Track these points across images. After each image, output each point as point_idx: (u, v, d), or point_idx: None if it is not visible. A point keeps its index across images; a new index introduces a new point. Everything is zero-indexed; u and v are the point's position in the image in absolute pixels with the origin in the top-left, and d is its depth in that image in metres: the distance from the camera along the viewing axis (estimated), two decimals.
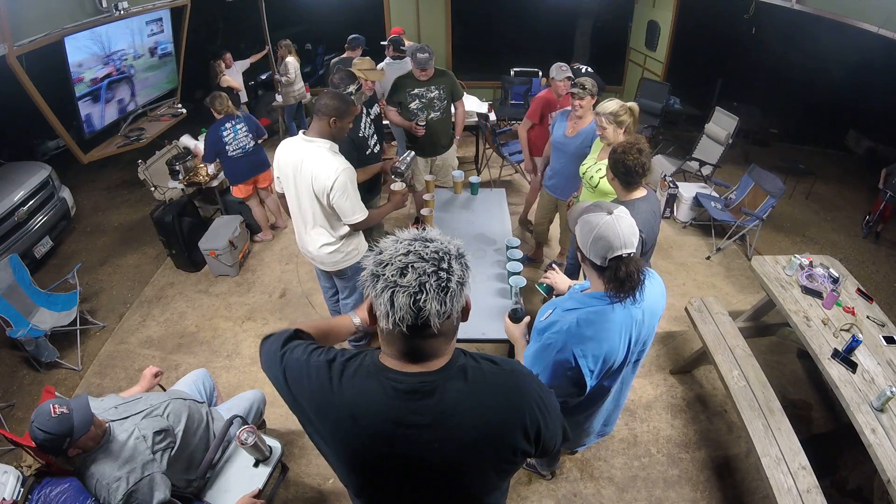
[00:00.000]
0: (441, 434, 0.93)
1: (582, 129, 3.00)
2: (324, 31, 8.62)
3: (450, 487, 1.01)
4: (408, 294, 0.83)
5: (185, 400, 2.03)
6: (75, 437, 1.57)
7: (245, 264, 4.17)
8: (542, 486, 2.49)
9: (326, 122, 2.26)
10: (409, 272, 0.83)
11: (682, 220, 4.63)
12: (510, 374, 1.01)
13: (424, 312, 0.83)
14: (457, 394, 0.93)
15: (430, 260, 0.85)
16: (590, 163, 2.74)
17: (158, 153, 4.41)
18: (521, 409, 0.98)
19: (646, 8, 6.56)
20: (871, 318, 2.56)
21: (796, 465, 2.10)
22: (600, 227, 1.34)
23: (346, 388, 0.96)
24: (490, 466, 0.99)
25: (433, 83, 3.46)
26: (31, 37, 3.36)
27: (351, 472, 1.03)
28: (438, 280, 0.84)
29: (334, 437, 0.97)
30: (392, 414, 0.92)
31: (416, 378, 0.92)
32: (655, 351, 3.28)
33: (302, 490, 2.49)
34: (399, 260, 0.85)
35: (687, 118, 6.57)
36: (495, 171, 5.55)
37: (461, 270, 0.87)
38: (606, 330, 1.39)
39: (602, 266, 1.35)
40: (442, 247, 0.87)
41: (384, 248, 0.88)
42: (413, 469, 0.97)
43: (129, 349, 3.38)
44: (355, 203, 2.33)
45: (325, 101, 2.24)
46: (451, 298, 0.85)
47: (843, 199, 5.31)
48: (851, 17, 3.63)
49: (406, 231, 0.92)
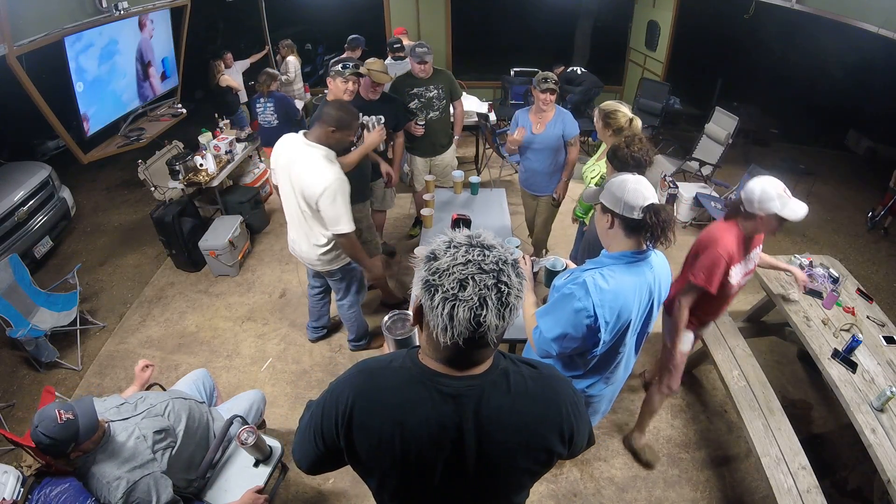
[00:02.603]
0: (483, 437, 0.92)
1: (549, 122, 3.05)
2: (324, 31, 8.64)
3: (485, 489, 1.00)
4: (468, 308, 0.78)
5: (185, 400, 2.03)
6: (80, 442, 1.56)
7: (245, 264, 4.17)
8: (542, 485, 2.49)
9: (327, 130, 2.25)
10: (470, 285, 0.78)
11: (682, 220, 4.63)
12: (548, 378, 1.01)
13: (483, 328, 0.80)
14: (499, 397, 0.93)
15: (491, 272, 0.80)
16: (590, 163, 2.76)
17: (158, 153, 4.41)
18: (559, 413, 0.98)
19: (646, 8, 6.56)
20: (871, 318, 2.56)
21: (796, 465, 2.10)
22: (630, 181, 1.48)
23: (391, 394, 0.94)
24: (526, 468, 0.99)
25: (432, 82, 3.46)
26: (31, 37, 3.36)
27: (389, 479, 1.00)
28: (499, 294, 0.79)
29: (378, 446, 0.94)
30: (439, 419, 0.91)
31: (462, 382, 0.91)
32: (656, 350, 3.27)
33: (302, 490, 2.49)
34: (458, 270, 0.79)
35: (687, 118, 6.58)
36: (495, 171, 5.55)
37: (519, 282, 0.83)
38: (623, 286, 1.48)
39: (636, 219, 1.44)
40: (501, 256, 0.83)
41: (438, 252, 0.83)
42: (455, 474, 0.96)
43: (129, 349, 3.38)
44: (342, 214, 2.30)
45: (329, 110, 2.24)
46: (511, 312, 0.82)
47: (843, 199, 5.31)
48: (851, 17, 3.63)
49: (457, 232, 0.87)
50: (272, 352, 3.30)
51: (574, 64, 6.04)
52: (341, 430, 0.95)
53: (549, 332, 1.55)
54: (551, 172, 3.23)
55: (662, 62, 6.27)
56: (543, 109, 3.00)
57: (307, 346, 3.32)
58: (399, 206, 4.72)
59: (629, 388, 3.00)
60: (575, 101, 5.64)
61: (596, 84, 5.79)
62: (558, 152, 3.13)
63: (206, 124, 4.71)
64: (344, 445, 0.96)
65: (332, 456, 1.00)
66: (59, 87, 3.92)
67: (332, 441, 0.97)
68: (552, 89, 2.91)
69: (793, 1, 4.09)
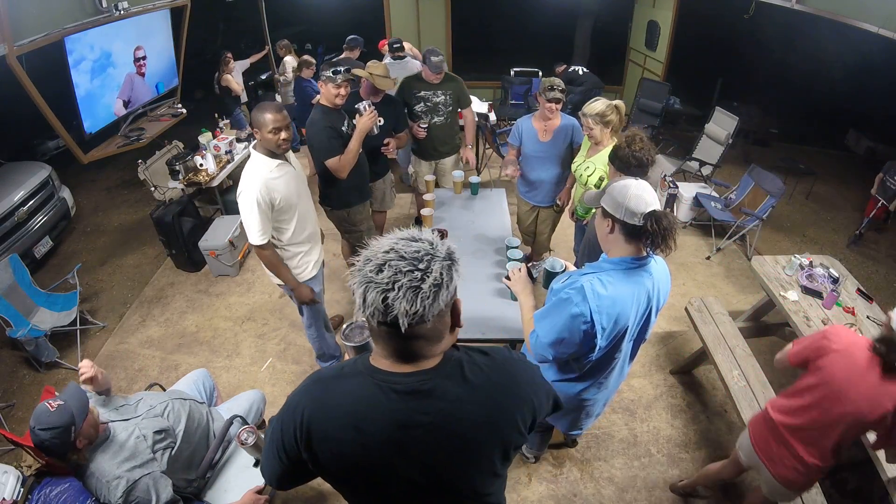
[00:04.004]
0: (444, 432, 0.93)
1: (556, 130, 2.95)
2: (324, 31, 8.63)
3: (455, 486, 1.01)
4: (379, 290, 0.82)
5: (185, 400, 2.03)
6: (79, 425, 1.57)
7: (245, 264, 4.17)
8: (542, 486, 2.49)
9: (255, 133, 2.17)
10: (385, 269, 0.83)
11: (682, 220, 4.63)
12: (503, 363, 1.02)
13: (392, 310, 0.82)
14: (456, 390, 0.93)
15: (409, 259, 0.84)
16: (579, 161, 2.75)
17: (158, 153, 4.42)
18: (519, 396, 1.00)
19: (646, 8, 6.56)
20: (871, 318, 2.56)
21: None
22: (632, 187, 1.45)
23: (344, 398, 0.95)
24: (493, 455, 1.00)
25: (440, 88, 3.41)
26: (31, 37, 3.36)
27: (356, 484, 1.01)
28: (411, 280, 0.82)
29: (339, 452, 0.95)
30: (395, 418, 0.92)
31: (412, 378, 0.92)
32: (655, 351, 3.28)
33: (302, 490, 2.49)
34: (380, 256, 0.85)
35: (687, 118, 6.58)
36: (495, 171, 5.55)
37: (441, 273, 0.84)
38: (621, 293, 1.47)
39: (638, 225, 1.43)
40: (426, 247, 0.86)
41: (374, 245, 0.88)
42: (420, 472, 0.96)
43: (129, 349, 3.38)
44: (251, 224, 2.18)
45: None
46: (422, 300, 0.82)
47: (843, 199, 5.31)
48: (851, 17, 3.63)
49: (403, 230, 0.91)
50: (272, 352, 3.30)
51: (574, 64, 6.04)
52: (301, 442, 0.96)
53: (546, 337, 1.55)
54: (557, 182, 3.13)
55: (662, 62, 6.28)
56: (549, 117, 2.91)
57: (307, 346, 3.32)
58: (399, 206, 4.72)
59: (628, 387, 3.00)
60: (575, 101, 5.63)
61: (597, 85, 5.79)
62: (566, 160, 3.02)
63: (206, 124, 4.71)
64: (307, 457, 0.97)
65: (297, 469, 1.01)
66: (59, 87, 3.92)
67: (294, 454, 0.98)
68: (558, 99, 2.75)
69: (793, 1, 4.09)
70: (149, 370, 3.21)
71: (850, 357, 1.56)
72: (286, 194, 2.25)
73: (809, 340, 1.68)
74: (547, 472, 2.55)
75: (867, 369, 1.53)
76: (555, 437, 2.55)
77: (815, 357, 1.64)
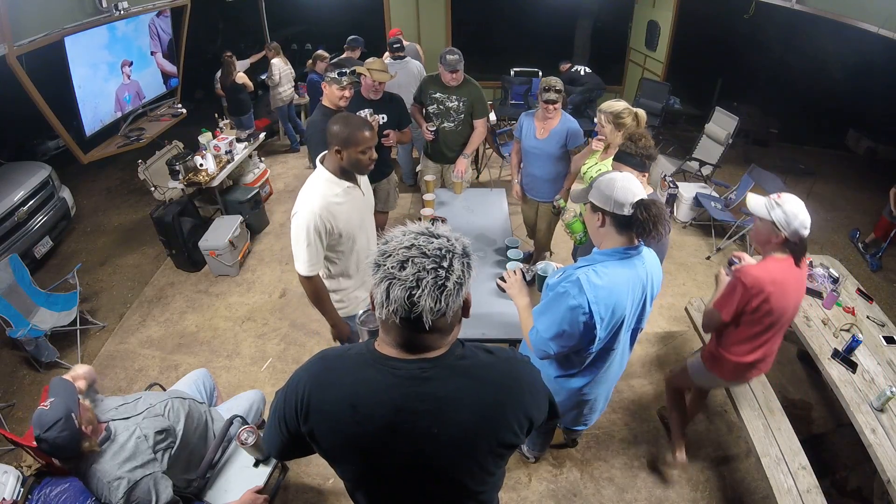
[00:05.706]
0: (440, 420, 0.94)
1: (553, 130, 3.00)
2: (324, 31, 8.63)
3: (446, 478, 1.01)
4: (404, 288, 0.83)
5: (184, 399, 2.03)
6: (76, 409, 1.57)
7: (245, 264, 4.17)
8: (542, 486, 2.49)
9: (331, 150, 1.92)
10: (409, 266, 0.84)
11: (682, 220, 4.63)
12: (506, 363, 1.04)
13: (418, 308, 0.84)
14: (455, 381, 0.95)
15: (432, 256, 0.85)
16: (591, 163, 2.75)
17: (158, 153, 4.42)
18: (517, 394, 1.01)
19: (646, 8, 6.56)
20: (871, 318, 2.56)
21: (796, 465, 2.10)
22: (619, 179, 1.50)
23: (344, 377, 0.97)
24: (486, 452, 1.00)
25: (455, 93, 3.31)
26: (31, 37, 3.36)
27: (350, 464, 1.03)
28: (436, 278, 0.84)
29: (334, 429, 0.97)
30: (392, 401, 0.93)
31: (413, 365, 0.94)
32: (655, 351, 3.28)
33: (302, 490, 2.49)
34: (401, 252, 0.85)
35: (687, 118, 6.58)
36: (495, 171, 5.55)
37: (462, 270, 0.87)
38: (616, 283, 1.50)
39: (627, 215, 1.47)
40: (446, 244, 0.87)
41: (390, 238, 0.89)
42: (412, 458, 0.98)
43: (129, 349, 3.38)
44: (300, 253, 1.94)
45: (329, 128, 1.91)
46: (447, 297, 0.85)
47: (843, 199, 5.31)
48: (851, 17, 3.63)
49: (416, 223, 0.92)
50: (272, 352, 3.30)
51: (576, 64, 6.04)
52: (301, 415, 0.99)
53: (547, 332, 1.56)
54: (552, 179, 3.18)
55: (662, 62, 6.28)
56: (549, 116, 2.96)
57: (307, 346, 3.32)
58: (400, 207, 4.71)
59: (628, 387, 3.00)
60: (576, 101, 5.64)
61: (598, 85, 5.79)
62: (559, 160, 3.07)
63: (206, 124, 4.71)
64: (305, 431, 1.00)
65: (296, 442, 1.04)
66: (59, 87, 3.92)
67: (294, 427, 1.01)
68: (553, 100, 2.82)
69: (793, 1, 4.09)
70: (149, 370, 3.21)
71: (782, 285, 1.81)
72: (347, 223, 1.99)
73: (733, 298, 1.87)
74: (547, 472, 2.56)
75: (795, 278, 1.85)
76: (555, 437, 2.56)
77: (755, 304, 1.84)
